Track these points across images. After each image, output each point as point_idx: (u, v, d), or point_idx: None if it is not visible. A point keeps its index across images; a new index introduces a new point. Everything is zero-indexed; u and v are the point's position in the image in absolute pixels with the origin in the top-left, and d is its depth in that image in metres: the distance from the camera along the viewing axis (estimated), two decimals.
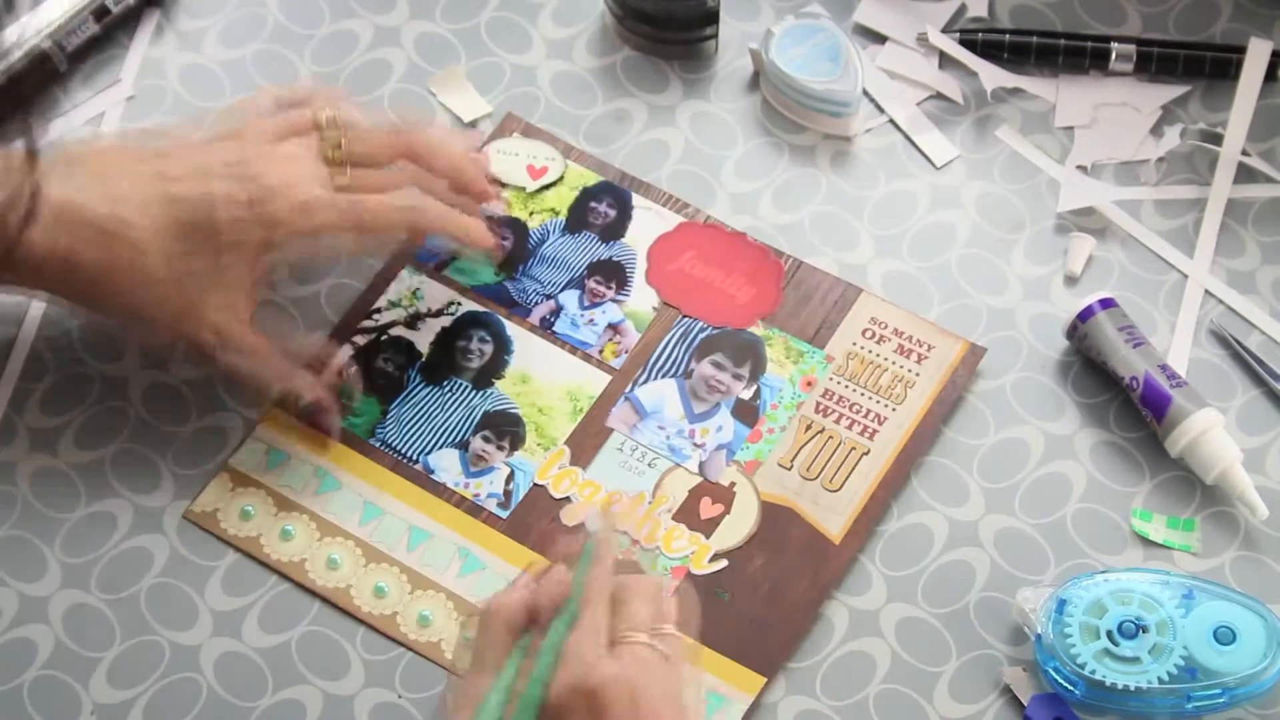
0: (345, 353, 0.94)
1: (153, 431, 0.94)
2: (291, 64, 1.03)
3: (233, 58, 1.03)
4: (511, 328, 0.95)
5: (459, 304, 0.96)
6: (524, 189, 0.99)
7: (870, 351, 0.95)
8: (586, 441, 0.93)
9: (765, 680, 0.87)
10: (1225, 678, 0.85)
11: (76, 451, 0.93)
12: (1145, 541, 0.90)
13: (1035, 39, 1.02)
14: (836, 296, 0.96)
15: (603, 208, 0.98)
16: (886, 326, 0.95)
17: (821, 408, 0.93)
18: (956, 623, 0.89)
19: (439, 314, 0.95)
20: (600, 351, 0.95)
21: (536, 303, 0.96)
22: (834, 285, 0.96)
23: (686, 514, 0.91)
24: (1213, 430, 0.90)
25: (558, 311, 0.96)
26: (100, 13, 1.03)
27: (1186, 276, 0.97)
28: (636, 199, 0.98)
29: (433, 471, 0.92)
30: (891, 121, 1.01)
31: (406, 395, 0.94)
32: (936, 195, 0.99)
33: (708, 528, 0.91)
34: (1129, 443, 0.93)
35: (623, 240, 0.98)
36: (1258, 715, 0.87)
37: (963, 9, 1.04)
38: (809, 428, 0.93)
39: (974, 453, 0.93)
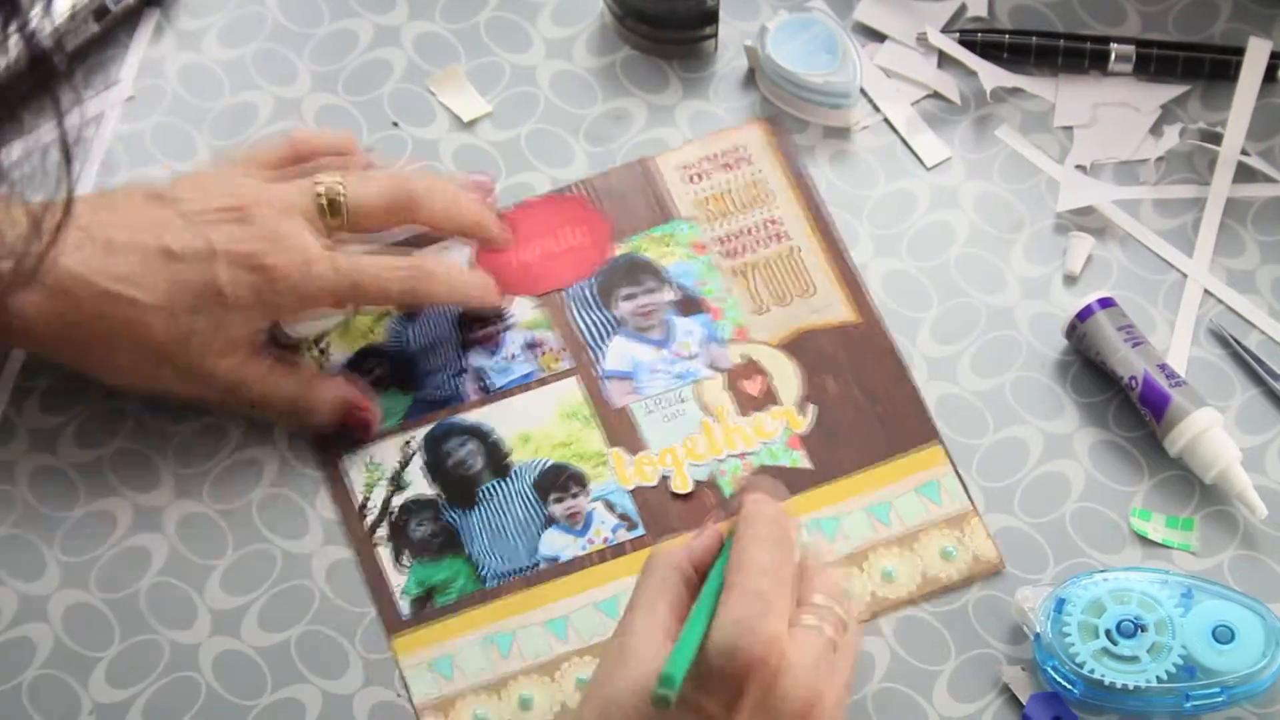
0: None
1: (152, 431, 0.94)
2: (291, 63, 1.03)
3: (232, 57, 1.03)
4: (469, 417, 0.94)
5: (410, 439, 0.93)
6: (344, 322, 0.96)
7: (709, 188, 0.98)
8: (623, 430, 0.93)
9: (939, 446, 0.92)
10: (1224, 677, 0.85)
11: (76, 450, 0.93)
12: (1144, 541, 0.91)
13: (1035, 39, 1.02)
14: (639, 176, 0.98)
15: None
16: (696, 163, 0.98)
17: (730, 251, 0.96)
18: (955, 622, 0.89)
19: (407, 462, 0.93)
20: (545, 369, 0.94)
21: (459, 384, 0.94)
22: (628, 171, 0.99)
23: (746, 404, 0.93)
24: (1212, 429, 0.90)
25: (481, 373, 0.94)
26: (100, 12, 1.03)
27: (1186, 276, 0.97)
28: (430, 249, 0.98)
29: (558, 558, 0.90)
30: (886, 120, 1.01)
31: (466, 534, 0.91)
32: (935, 195, 0.99)
33: (770, 398, 0.93)
34: (1128, 442, 0.93)
35: None
36: (1256, 714, 0.87)
37: (962, 9, 1.04)
38: (742, 272, 0.96)
39: (973, 452, 0.93)
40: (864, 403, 0.93)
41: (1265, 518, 0.90)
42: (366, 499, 0.92)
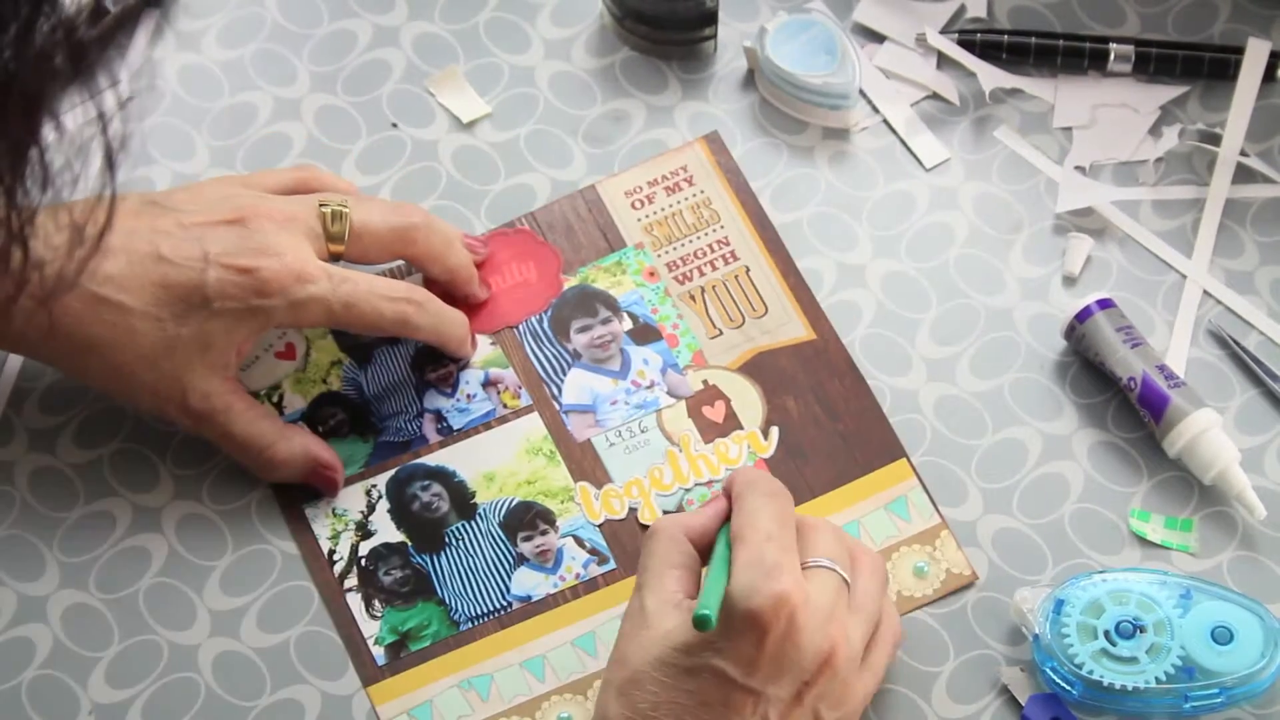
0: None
1: (152, 431, 0.94)
2: (290, 64, 1.03)
3: (231, 58, 1.03)
4: (431, 460, 0.93)
5: (373, 485, 0.92)
6: (297, 371, 0.95)
7: (655, 212, 0.97)
8: (586, 464, 0.92)
9: (903, 459, 0.92)
10: (1223, 678, 0.85)
11: (75, 451, 0.93)
12: (1143, 541, 0.91)
13: (1034, 40, 1.02)
14: (585, 206, 0.98)
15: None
16: (640, 188, 0.98)
17: (681, 276, 0.96)
18: (954, 623, 0.89)
19: (372, 508, 0.92)
20: (504, 405, 0.94)
21: (418, 426, 0.93)
22: (573, 200, 0.98)
23: (709, 431, 0.93)
24: (1211, 430, 0.90)
25: (440, 415, 0.94)
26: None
27: (1185, 277, 0.97)
28: None
29: (530, 597, 0.90)
30: (885, 122, 1.01)
31: (436, 578, 0.90)
32: (935, 196, 0.99)
33: (732, 423, 0.93)
34: (1127, 443, 0.93)
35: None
36: (1255, 715, 0.87)
37: (961, 10, 1.04)
38: (693, 297, 0.96)
39: (972, 453, 0.93)
40: (826, 421, 0.93)
41: (1264, 519, 0.90)
42: (333, 549, 0.91)
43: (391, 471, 0.92)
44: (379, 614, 0.89)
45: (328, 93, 1.02)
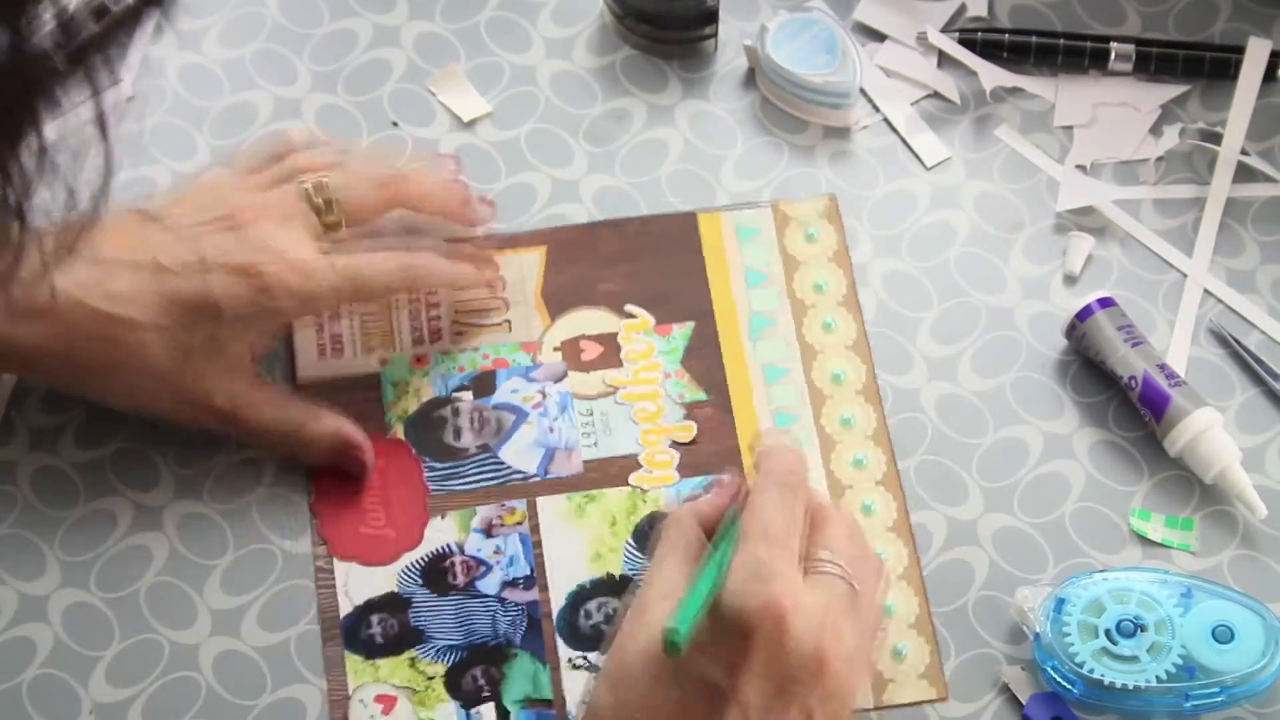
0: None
1: (153, 430, 0.93)
2: (291, 63, 1.03)
3: (232, 57, 1.03)
4: (557, 601, 0.90)
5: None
6: None
7: (350, 329, 0.95)
8: (612, 470, 0.92)
9: (697, 212, 0.96)
10: (1223, 676, 0.85)
11: (76, 450, 0.93)
12: (1144, 540, 0.91)
13: (1034, 39, 1.02)
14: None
15: (377, 628, 0.89)
16: (327, 332, 0.95)
17: (432, 336, 0.94)
18: (955, 621, 0.89)
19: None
20: (520, 524, 0.91)
21: (515, 608, 0.89)
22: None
23: (607, 360, 0.94)
24: (1211, 429, 0.90)
25: (512, 582, 0.90)
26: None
27: (1185, 276, 0.97)
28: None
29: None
30: (886, 120, 1.01)
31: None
32: (935, 195, 0.99)
33: (607, 341, 0.95)
34: (1128, 442, 0.93)
35: (379, 583, 0.90)
36: (1256, 714, 0.87)
37: (962, 9, 1.04)
38: (460, 332, 0.95)
39: (972, 452, 0.93)
40: (634, 263, 0.97)
41: (1265, 517, 0.90)
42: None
43: (556, 635, 0.89)
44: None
45: (328, 92, 1.02)
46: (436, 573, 0.90)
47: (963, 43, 1.02)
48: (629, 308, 0.95)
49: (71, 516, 0.92)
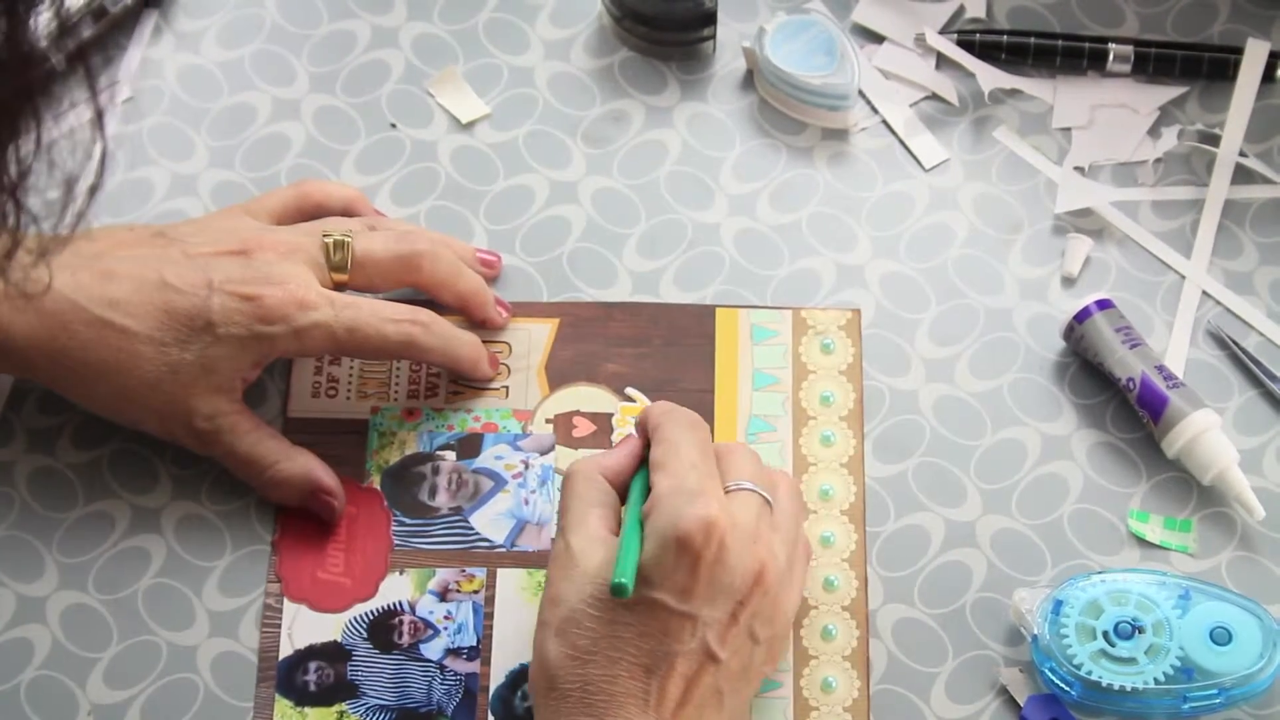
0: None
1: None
2: (290, 65, 1.03)
3: (231, 58, 1.03)
4: (498, 677, 0.88)
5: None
6: None
7: (348, 374, 0.94)
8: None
9: (726, 308, 0.95)
10: (1221, 678, 0.85)
11: (74, 451, 0.93)
12: (1142, 542, 0.91)
13: (1033, 40, 1.02)
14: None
15: (313, 675, 0.88)
16: (322, 375, 0.95)
17: (426, 392, 0.94)
18: (953, 623, 0.89)
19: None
20: (476, 592, 0.90)
21: (454, 677, 0.88)
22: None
23: (598, 440, 0.93)
24: (1210, 431, 0.90)
25: (455, 651, 0.89)
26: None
27: (1184, 277, 0.97)
28: None
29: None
30: (884, 122, 1.01)
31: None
32: (934, 196, 0.99)
33: (601, 420, 0.94)
34: (1126, 443, 0.93)
35: (324, 630, 0.89)
36: (1254, 716, 0.87)
37: (960, 10, 1.04)
38: (457, 392, 0.94)
39: (970, 454, 0.93)
40: (645, 349, 0.95)
41: (1263, 519, 0.90)
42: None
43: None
44: None
45: (327, 93, 1.02)
46: (383, 629, 0.89)
47: (961, 44, 1.02)
48: (629, 390, 0.94)
49: (69, 518, 0.92)
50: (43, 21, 0.60)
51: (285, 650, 0.88)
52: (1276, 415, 0.94)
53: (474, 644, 0.88)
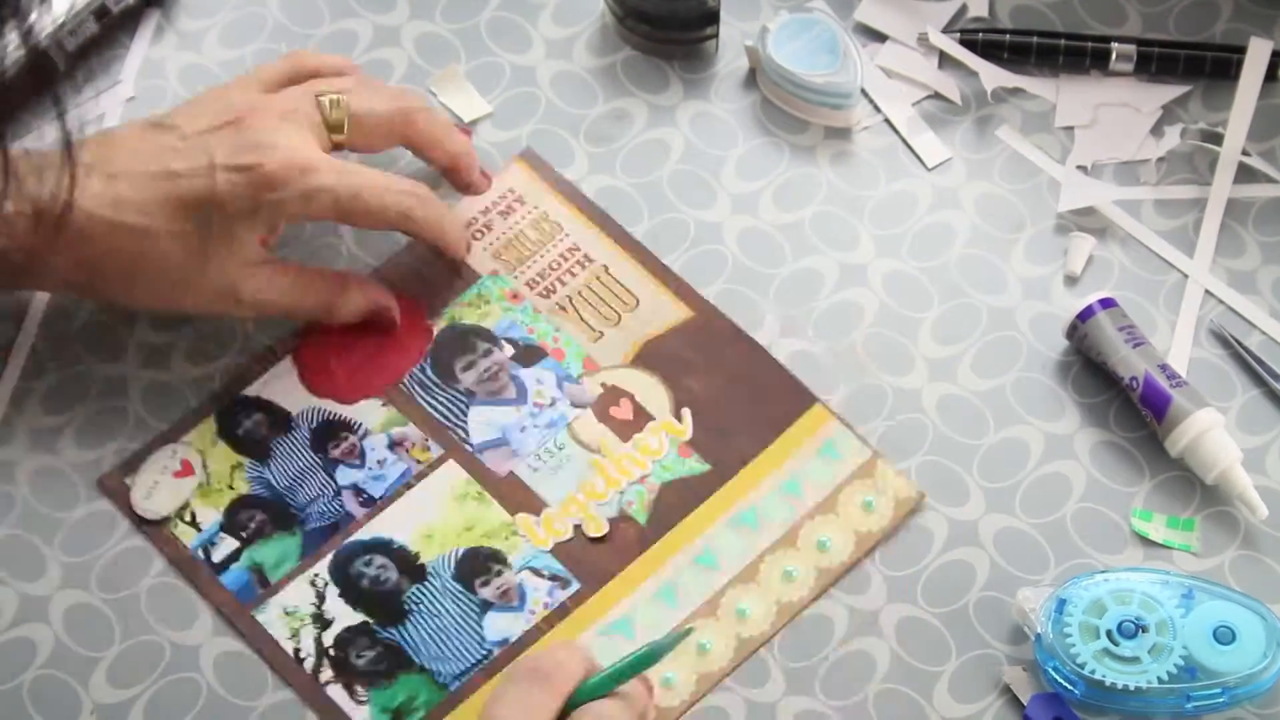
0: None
1: (153, 431, 0.94)
2: None
3: (233, 58, 1.03)
4: (363, 534, 0.91)
5: (315, 575, 0.90)
6: (201, 485, 0.92)
7: (497, 238, 0.97)
8: (517, 495, 0.91)
9: (821, 404, 0.93)
10: (1225, 677, 0.85)
11: (76, 451, 0.93)
12: (1145, 541, 0.91)
13: (1036, 39, 1.02)
14: (428, 248, 0.96)
15: (250, 423, 0.94)
16: (476, 219, 0.97)
17: (544, 291, 0.95)
18: (956, 622, 0.89)
19: (322, 596, 0.89)
20: (417, 462, 0.92)
21: (340, 505, 0.91)
22: (417, 247, 0.97)
23: (624, 430, 0.93)
24: (1213, 430, 0.90)
25: (357, 488, 0.92)
26: (100, 13, 1.03)
27: (1187, 276, 0.97)
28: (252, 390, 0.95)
29: (508, 640, 0.88)
30: (887, 121, 1.01)
31: (409, 647, 0.88)
32: (936, 195, 0.99)
33: (642, 417, 0.93)
34: (1129, 442, 0.93)
35: (291, 401, 0.94)
36: (1257, 715, 0.87)
37: (963, 9, 1.04)
38: (564, 307, 0.95)
39: (974, 452, 0.93)
40: (732, 389, 0.93)
41: (1266, 518, 0.90)
42: (297, 648, 0.88)
43: (329, 556, 0.90)
44: (364, 699, 0.87)
45: None
46: (328, 432, 0.93)
47: (964, 43, 1.02)
48: (683, 411, 0.94)
49: (72, 517, 0.92)
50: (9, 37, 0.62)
51: (252, 393, 0.93)
52: (1279, 414, 0.94)
53: (371, 497, 0.91)
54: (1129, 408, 0.93)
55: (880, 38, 1.04)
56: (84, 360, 0.95)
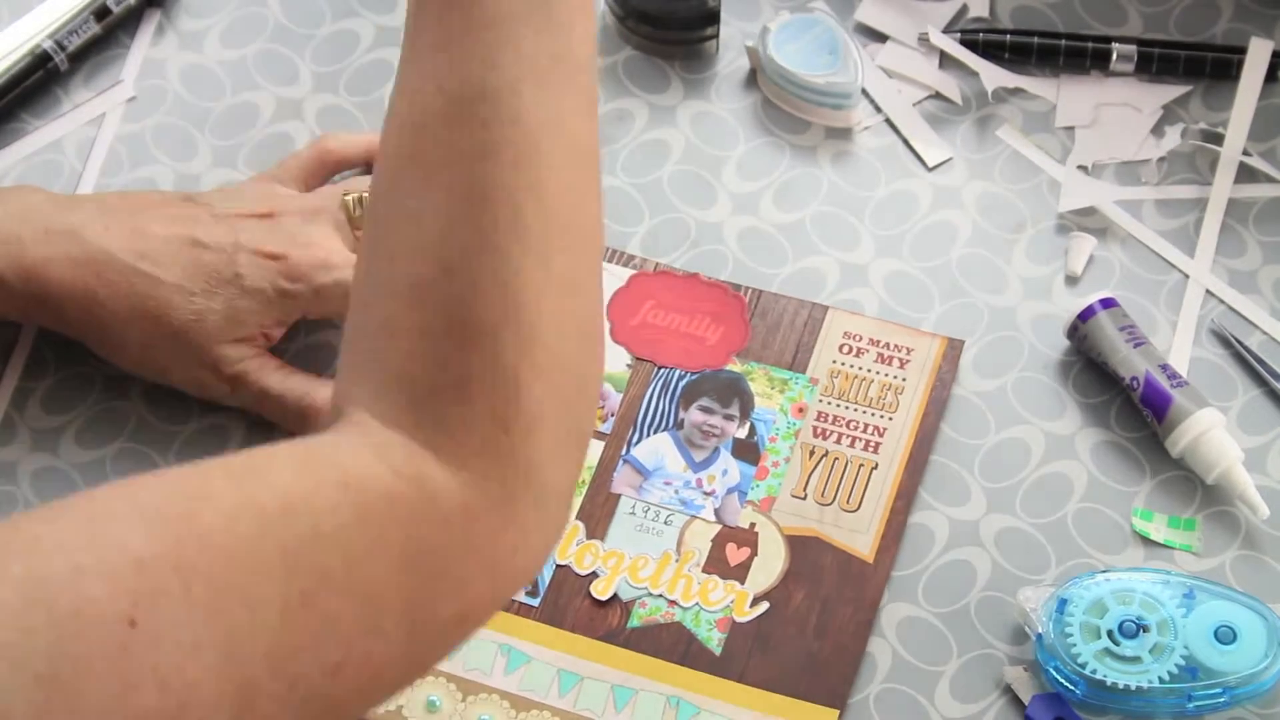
0: None
1: (154, 430, 0.94)
2: (293, 64, 1.03)
3: (234, 58, 1.03)
4: None
5: None
6: None
7: (851, 366, 0.94)
8: (596, 512, 0.91)
9: (837, 713, 0.86)
10: (1226, 677, 0.85)
11: (78, 451, 0.93)
12: (1146, 541, 0.90)
13: (1036, 39, 1.02)
14: (805, 318, 0.95)
15: None
16: (861, 338, 0.95)
17: (819, 431, 0.93)
18: (957, 622, 0.89)
19: None
20: None
21: None
22: (800, 308, 0.96)
23: (715, 564, 0.90)
24: (1213, 430, 0.90)
25: None
26: (101, 13, 1.03)
27: (1187, 276, 0.97)
28: None
29: None
30: (887, 121, 1.01)
31: None
32: (937, 195, 0.99)
33: (739, 573, 0.89)
34: (1130, 442, 0.93)
35: None
36: (1259, 715, 0.87)
37: (964, 9, 1.04)
38: (812, 454, 0.92)
39: (975, 452, 0.93)
40: (810, 634, 0.88)
41: (1267, 518, 0.90)
42: None
43: None
44: None
45: (330, 93, 1.02)
46: None
47: (964, 43, 1.02)
48: (761, 604, 0.89)
49: None
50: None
51: None
52: None
53: None
54: (1130, 408, 0.93)
55: (881, 38, 1.04)
56: (85, 360, 0.95)
